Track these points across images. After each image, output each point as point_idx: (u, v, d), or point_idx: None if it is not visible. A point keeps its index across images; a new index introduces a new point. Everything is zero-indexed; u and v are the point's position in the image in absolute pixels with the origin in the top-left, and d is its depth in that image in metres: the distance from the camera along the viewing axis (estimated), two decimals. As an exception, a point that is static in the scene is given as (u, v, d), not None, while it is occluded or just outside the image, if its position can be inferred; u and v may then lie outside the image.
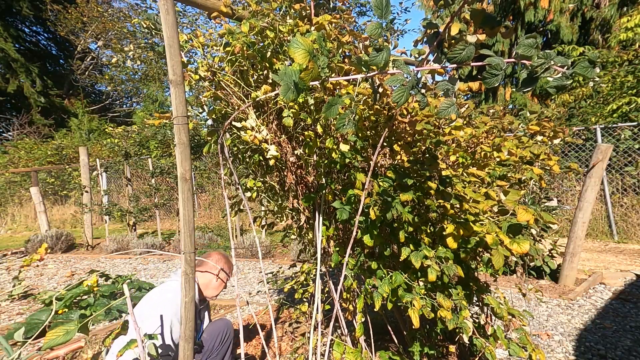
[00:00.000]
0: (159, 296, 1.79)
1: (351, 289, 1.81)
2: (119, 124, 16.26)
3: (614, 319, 2.93)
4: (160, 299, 1.77)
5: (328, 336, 1.75)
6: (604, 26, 9.70)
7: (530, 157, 1.77)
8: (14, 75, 16.12)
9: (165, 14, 1.30)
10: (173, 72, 1.32)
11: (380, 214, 1.48)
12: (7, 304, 4.15)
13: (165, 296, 1.78)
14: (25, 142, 14.08)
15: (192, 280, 1.37)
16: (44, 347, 1.08)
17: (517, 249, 1.23)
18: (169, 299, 1.76)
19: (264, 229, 2.40)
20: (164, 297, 1.78)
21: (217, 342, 2.02)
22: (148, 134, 10.87)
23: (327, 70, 0.99)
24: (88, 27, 15.91)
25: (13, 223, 11.48)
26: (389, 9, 0.92)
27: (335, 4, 1.92)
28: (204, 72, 1.69)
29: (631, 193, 6.21)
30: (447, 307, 1.46)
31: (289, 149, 1.78)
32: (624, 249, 5.31)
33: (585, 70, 0.86)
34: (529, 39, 0.87)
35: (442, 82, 0.99)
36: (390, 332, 1.97)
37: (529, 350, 1.63)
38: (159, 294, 1.80)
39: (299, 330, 2.81)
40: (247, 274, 5.03)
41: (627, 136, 6.07)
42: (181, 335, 1.39)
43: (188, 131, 1.37)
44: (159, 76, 15.51)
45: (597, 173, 3.56)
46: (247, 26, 1.59)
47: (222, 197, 9.36)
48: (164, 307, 1.73)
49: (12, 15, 16.85)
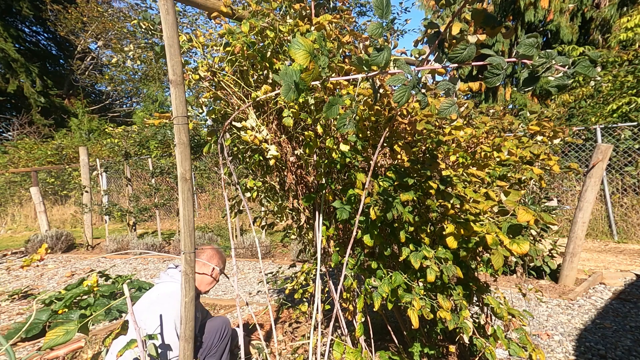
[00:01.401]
0: (159, 305, 1.75)
1: (351, 288, 1.81)
2: (119, 124, 16.28)
3: (614, 319, 2.93)
4: (161, 307, 1.74)
5: (328, 336, 1.75)
6: (604, 26, 9.70)
7: (530, 157, 1.77)
8: (14, 75, 16.11)
9: (165, 14, 1.30)
10: (173, 72, 1.32)
11: (380, 214, 1.48)
12: (7, 304, 4.15)
13: (166, 304, 1.75)
14: (25, 142, 14.07)
15: (192, 280, 1.37)
16: (44, 347, 1.07)
17: (517, 250, 1.23)
18: (171, 305, 1.75)
19: (264, 229, 2.40)
20: (164, 305, 1.75)
21: (216, 339, 2.02)
22: (148, 134, 10.87)
23: (327, 70, 0.99)
24: (88, 27, 15.91)
25: (13, 223, 11.48)
26: (389, 9, 0.91)
27: (336, 4, 1.92)
28: (204, 72, 1.69)
29: (631, 193, 6.21)
30: (446, 307, 1.46)
31: (289, 149, 1.78)
32: (624, 249, 5.31)
33: (586, 69, 0.86)
34: (529, 39, 0.87)
35: (443, 82, 0.99)
36: (390, 332, 1.97)
37: (529, 350, 1.63)
38: (159, 302, 1.77)
39: (299, 330, 2.81)
40: (247, 274, 5.03)
41: (627, 136, 6.07)
42: (181, 335, 1.39)
43: (188, 131, 1.37)
44: (159, 76, 15.52)
45: (597, 173, 3.56)
46: (247, 26, 1.59)
47: (222, 197, 9.37)
48: (167, 316, 1.71)
49: (12, 15, 16.85)
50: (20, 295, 4.36)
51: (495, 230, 1.29)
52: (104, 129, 15.80)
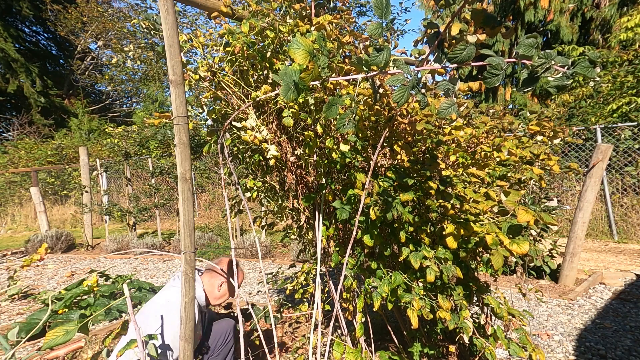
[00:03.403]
0: (166, 312, 1.73)
1: (351, 288, 1.81)
2: (119, 124, 16.27)
3: (614, 318, 2.93)
4: (167, 314, 1.73)
5: (328, 336, 1.75)
6: (604, 26, 9.70)
7: (530, 157, 1.77)
8: (14, 75, 16.11)
9: (165, 13, 1.30)
10: (173, 72, 1.32)
11: (380, 214, 1.48)
12: (7, 304, 4.15)
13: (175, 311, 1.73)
14: (25, 142, 14.06)
15: (192, 280, 1.37)
16: (44, 347, 1.07)
17: (517, 250, 1.23)
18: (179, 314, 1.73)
19: (264, 229, 2.40)
20: (172, 312, 1.73)
21: (220, 342, 2.01)
22: (148, 134, 10.86)
23: (327, 70, 0.99)
24: (88, 27, 15.91)
25: (13, 223, 11.48)
26: (389, 9, 0.91)
27: (336, 4, 1.92)
28: (204, 72, 1.69)
29: (631, 193, 6.21)
30: (446, 307, 1.46)
31: (289, 149, 1.78)
32: (624, 249, 5.31)
33: (585, 70, 0.86)
34: (529, 39, 0.87)
35: (443, 82, 0.99)
36: (390, 332, 1.97)
37: (529, 350, 1.63)
38: (166, 309, 1.75)
39: (299, 330, 2.81)
40: (247, 274, 5.03)
41: (627, 136, 6.07)
42: (181, 335, 1.39)
43: (188, 131, 1.37)
44: (159, 76, 15.51)
45: (597, 173, 3.56)
46: (247, 26, 1.59)
47: (222, 197, 9.36)
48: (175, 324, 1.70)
49: (12, 15, 16.84)
50: (20, 295, 4.36)
51: (495, 231, 1.29)
52: (104, 129, 15.80)
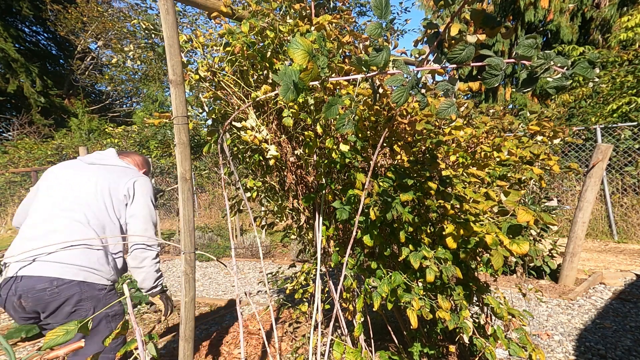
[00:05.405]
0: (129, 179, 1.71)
1: (351, 288, 1.81)
2: (119, 124, 16.26)
3: (614, 318, 2.93)
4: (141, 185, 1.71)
5: (328, 336, 1.75)
6: (604, 26, 9.70)
7: (530, 157, 1.77)
8: (14, 75, 16.09)
9: (165, 13, 1.30)
10: (173, 72, 1.32)
11: (380, 214, 1.48)
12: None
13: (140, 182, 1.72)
14: (25, 142, 14.06)
15: (192, 280, 1.37)
16: (43, 347, 1.07)
17: (517, 250, 1.23)
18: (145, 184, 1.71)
19: (264, 229, 2.40)
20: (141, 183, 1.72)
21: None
22: (148, 134, 10.87)
23: (327, 70, 0.99)
24: (88, 27, 15.90)
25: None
26: (388, 9, 0.91)
27: (336, 4, 1.92)
28: (204, 72, 1.69)
29: (631, 193, 6.21)
30: (445, 308, 1.46)
31: (289, 149, 1.78)
32: (624, 249, 5.31)
33: (584, 70, 0.86)
34: (528, 39, 0.87)
35: (442, 82, 0.99)
36: (390, 332, 1.97)
37: (529, 350, 1.63)
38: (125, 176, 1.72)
39: (299, 330, 2.81)
40: (247, 274, 5.03)
41: (627, 136, 6.06)
42: (181, 335, 1.39)
43: (188, 131, 1.37)
44: (159, 76, 15.51)
45: (597, 173, 3.56)
46: (247, 26, 1.59)
47: (222, 197, 9.36)
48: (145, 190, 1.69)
49: (12, 15, 16.83)
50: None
51: (495, 231, 1.29)
52: (104, 129, 15.79)
